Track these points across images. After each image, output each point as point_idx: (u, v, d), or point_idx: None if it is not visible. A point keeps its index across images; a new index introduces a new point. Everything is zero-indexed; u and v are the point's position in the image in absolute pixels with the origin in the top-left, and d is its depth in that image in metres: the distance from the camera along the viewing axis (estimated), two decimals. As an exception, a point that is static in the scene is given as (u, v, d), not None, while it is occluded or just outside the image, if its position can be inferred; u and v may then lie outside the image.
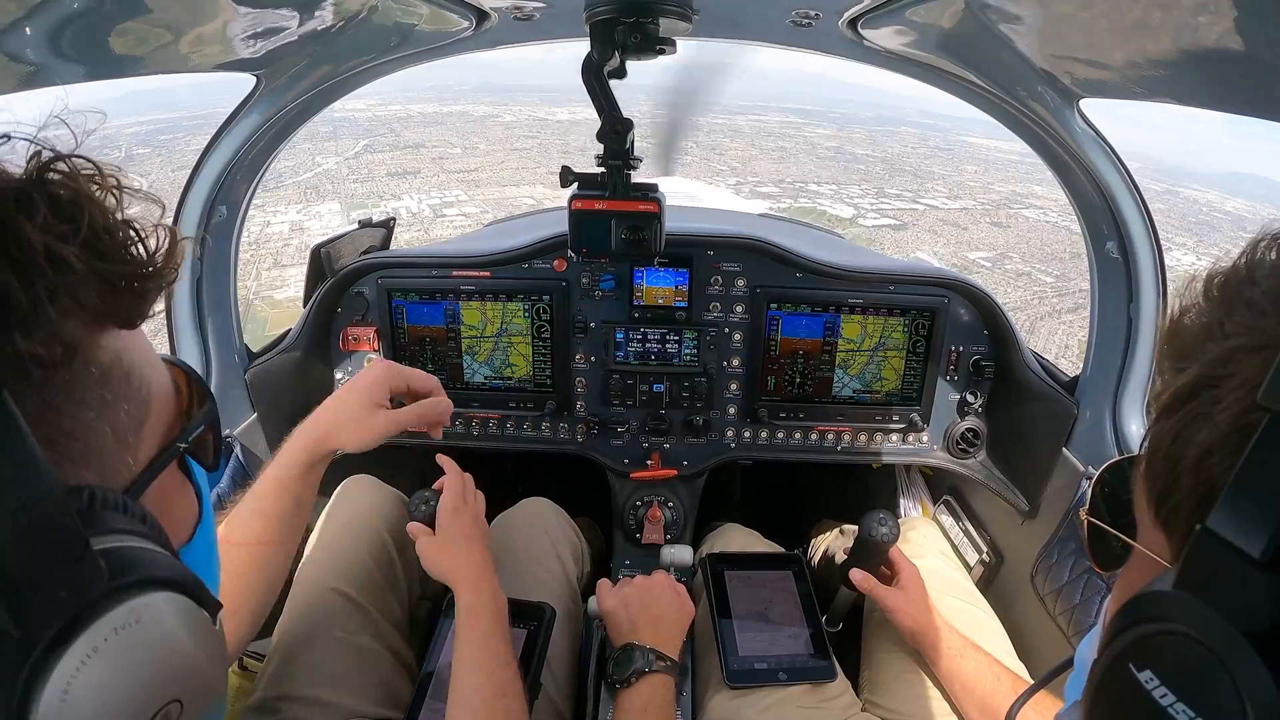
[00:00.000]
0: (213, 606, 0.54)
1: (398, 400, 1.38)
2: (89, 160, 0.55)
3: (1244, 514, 0.41)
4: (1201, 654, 0.41)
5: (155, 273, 0.58)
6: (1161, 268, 1.60)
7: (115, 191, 0.57)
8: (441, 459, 1.52)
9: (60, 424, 0.50)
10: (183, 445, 0.61)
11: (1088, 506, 0.70)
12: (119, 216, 0.56)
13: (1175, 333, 0.53)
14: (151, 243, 0.58)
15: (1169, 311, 0.54)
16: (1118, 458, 0.71)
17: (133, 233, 0.56)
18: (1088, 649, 0.75)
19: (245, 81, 1.50)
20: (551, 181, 1.57)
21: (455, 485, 1.47)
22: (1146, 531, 0.54)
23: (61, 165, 0.53)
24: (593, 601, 1.63)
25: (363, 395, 1.32)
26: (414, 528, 1.45)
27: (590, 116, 1.37)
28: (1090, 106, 1.42)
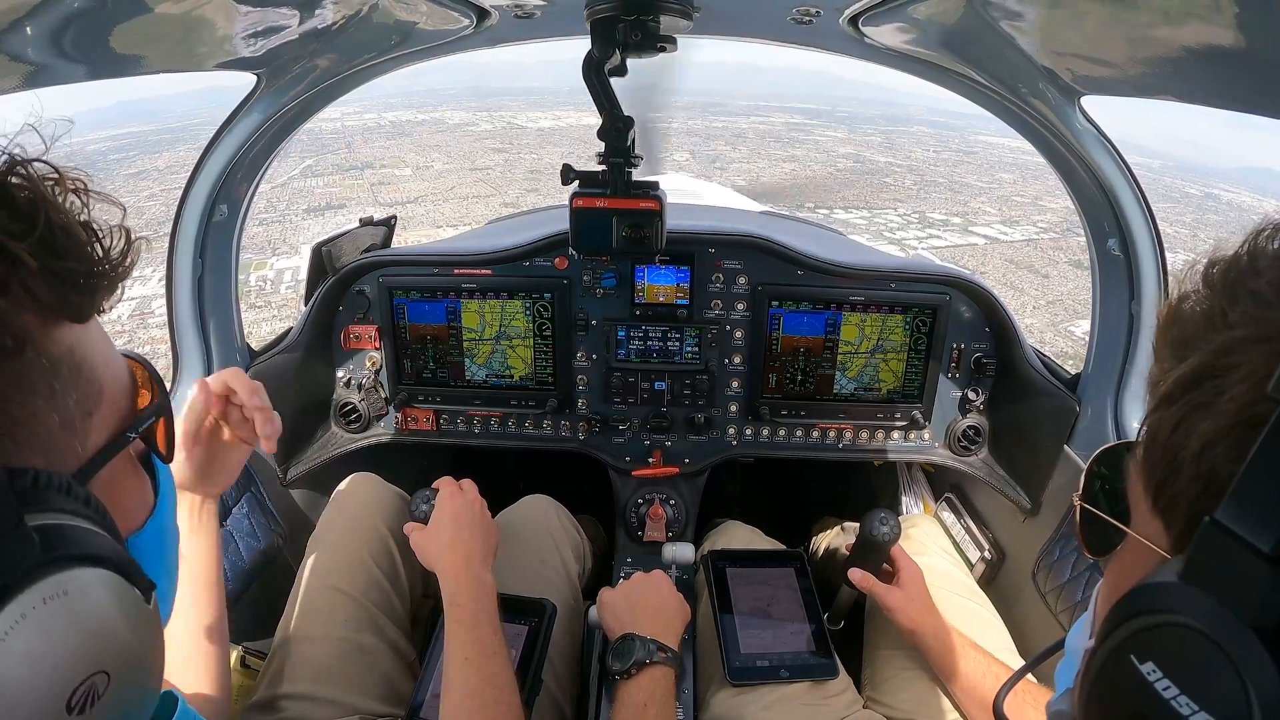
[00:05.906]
0: (145, 586, 0.56)
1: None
2: (51, 165, 0.59)
3: (1253, 507, 0.40)
4: (1207, 648, 0.40)
5: (109, 271, 0.61)
6: (1163, 264, 1.60)
7: (79, 195, 0.60)
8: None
9: (9, 411, 0.52)
10: (132, 435, 0.63)
11: (1081, 491, 0.69)
12: (80, 217, 0.59)
13: (1175, 319, 0.52)
14: (109, 243, 0.61)
15: (1168, 297, 0.54)
16: (1114, 443, 0.71)
17: (89, 233, 0.60)
18: (1078, 636, 0.75)
19: (242, 82, 1.50)
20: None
21: (449, 479, 1.55)
22: (1142, 519, 0.53)
23: (23, 170, 0.56)
24: (593, 611, 1.62)
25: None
26: (408, 526, 1.51)
27: (572, 124, 1.37)
28: (1092, 103, 1.41)
